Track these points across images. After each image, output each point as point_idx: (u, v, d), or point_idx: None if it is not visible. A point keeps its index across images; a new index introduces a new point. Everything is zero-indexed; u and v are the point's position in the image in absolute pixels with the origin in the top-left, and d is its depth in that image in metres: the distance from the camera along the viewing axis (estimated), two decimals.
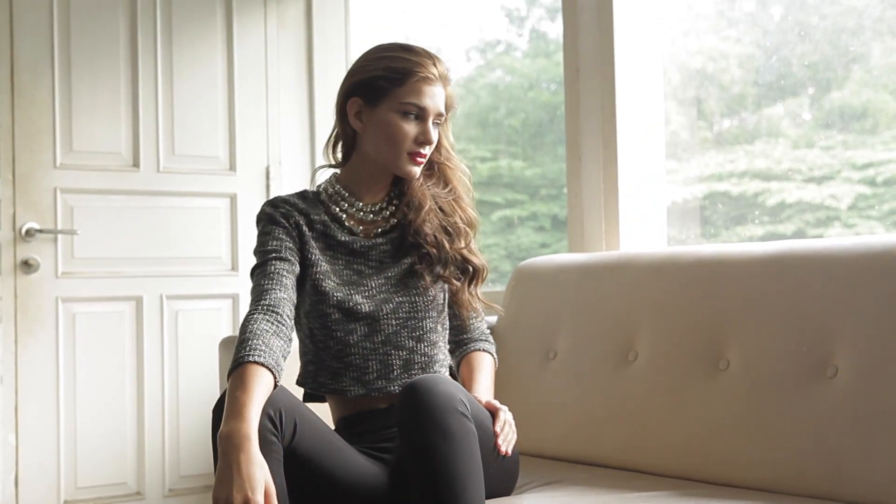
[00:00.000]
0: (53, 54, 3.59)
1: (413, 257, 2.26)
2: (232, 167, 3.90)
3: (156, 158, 3.78)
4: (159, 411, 3.74)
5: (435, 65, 2.20)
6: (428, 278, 2.24)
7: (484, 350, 2.40)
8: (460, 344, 2.40)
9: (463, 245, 2.29)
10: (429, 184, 2.31)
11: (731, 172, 3.17)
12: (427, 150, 2.22)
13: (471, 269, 2.30)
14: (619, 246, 2.92)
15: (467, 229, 2.31)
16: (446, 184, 2.33)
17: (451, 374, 2.37)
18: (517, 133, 4.63)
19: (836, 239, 2.23)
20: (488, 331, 2.47)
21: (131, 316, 3.73)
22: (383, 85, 2.18)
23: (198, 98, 3.86)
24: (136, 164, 3.74)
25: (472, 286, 2.31)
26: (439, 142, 2.30)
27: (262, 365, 1.92)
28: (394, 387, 2.20)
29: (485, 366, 2.37)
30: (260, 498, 1.77)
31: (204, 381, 3.71)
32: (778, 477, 2.08)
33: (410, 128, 2.18)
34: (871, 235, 2.18)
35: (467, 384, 2.32)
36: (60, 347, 3.59)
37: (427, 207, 2.27)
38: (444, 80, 2.23)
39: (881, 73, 2.87)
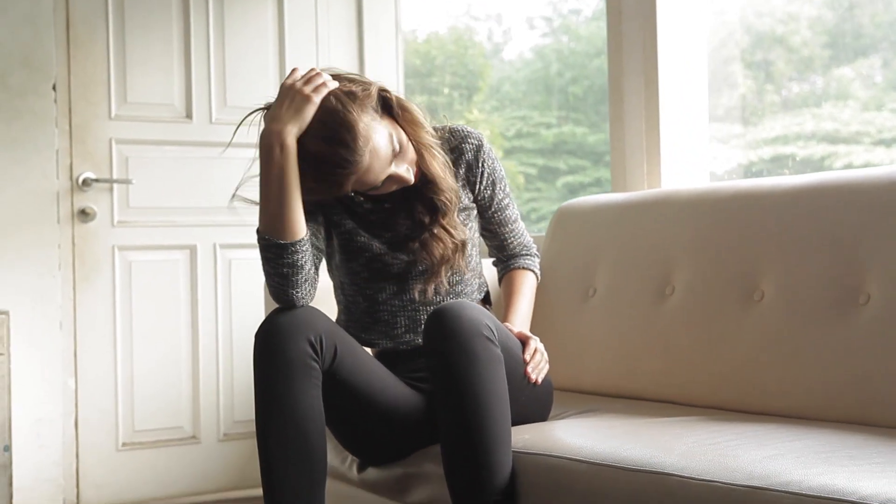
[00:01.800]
0: (107, 6, 3.66)
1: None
2: None
3: (208, 110, 3.84)
4: (213, 358, 3.82)
5: (355, 159, 1.98)
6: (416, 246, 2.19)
7: (525, 267, 2.42)
8: (501, 260, 2.43)
9: (434, 220, 2.18)
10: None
11: (798, 135, 3.14)
12: (410, 177, 2.11)
13: (429, 258, 2.20)
14: (660, 185, 2.92)
15: (439, 205, 2.17)
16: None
17: (487, 298, 2.39)
18: (581, 100, 4.62)
19: (868, 169, 2.22)
20: (531, 241, 2.48)
21: (185, 264, 3.80)
22: (330, 188, 2.04)
23: (249, 50, 3.91)
24: (188, 116, 3.81)
25: (444, 265, 2.20)
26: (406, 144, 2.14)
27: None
28: (421, 339, 2.22)
29: (524, 287, 2.38)
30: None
31: (256, 328, 3.77)
32: (810, 404, 2.08)
33: (388, 186, 2.10)
34: None
35: (505, 308, 2.34)
36: (117, 295, 3.67)
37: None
38: (362, 152, 1.98)
39: None
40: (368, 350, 2.26)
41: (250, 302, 3.82)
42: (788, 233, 2.23)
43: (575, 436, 1.93)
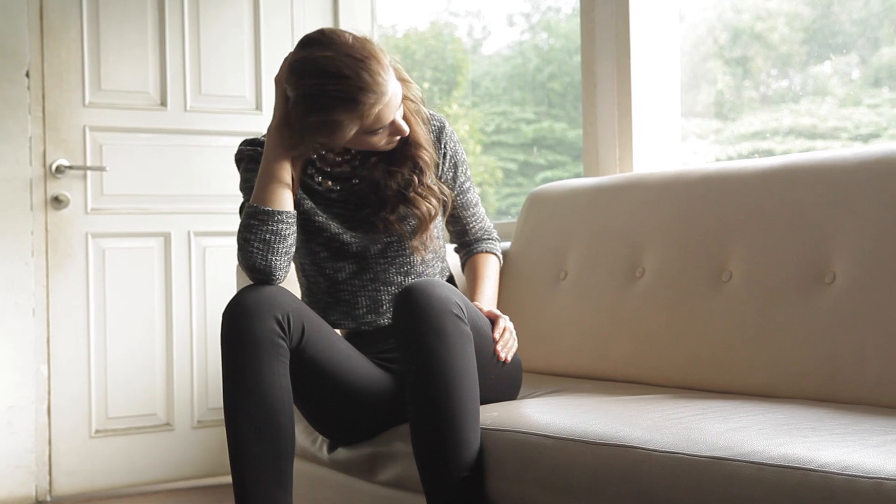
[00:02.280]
0: None
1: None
2: (258, 106, 3.95)
3: (183, 97, 3.83)
4: (188, 345, 3.82)
5: (377, 74, 2.01)
6: (379, 224, 2.20)
7: (487, 251, 2.43)
8: (463, 245, 2.44)
9: (406, 189, 2.20)
10: None
11: (776, 130, 3.16)
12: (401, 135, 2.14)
13: (415, 219, 2.21)
14: (632, 170, 2.93)
15: (413, 173, 2.20)
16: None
17: (451, 281, 2.40)
18: (560, 96, 4.63)
19: (833, 151, 2.24)
20: (491, 226, 2.50)
21: (160, 252, 3.80)
22: (346, 123, 2.03)
23: (224, 38, 3.91)
24: (163, 103, 3.80)
25: (414, 236, 2.22)
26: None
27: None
28: (383, 320, 2.24)
29: (488, 269, 2.40)
30: None
31: None
32: (777, 382, 2.10)
33: (381, 137, 2.11)
34: (867, 145, 2.18)
35: (470, 291, 2.35)
36: (90, 282, 3.67)
37: (374, 157, 2.21)
38: (387, 82, 2.03)
39: None
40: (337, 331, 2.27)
41: (224, 289, 3.82)
42: (756, 214, 2.25)
43: (542, 413, 1.95)
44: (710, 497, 1.50)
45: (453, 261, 2.55)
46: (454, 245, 2.51)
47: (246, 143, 2.27)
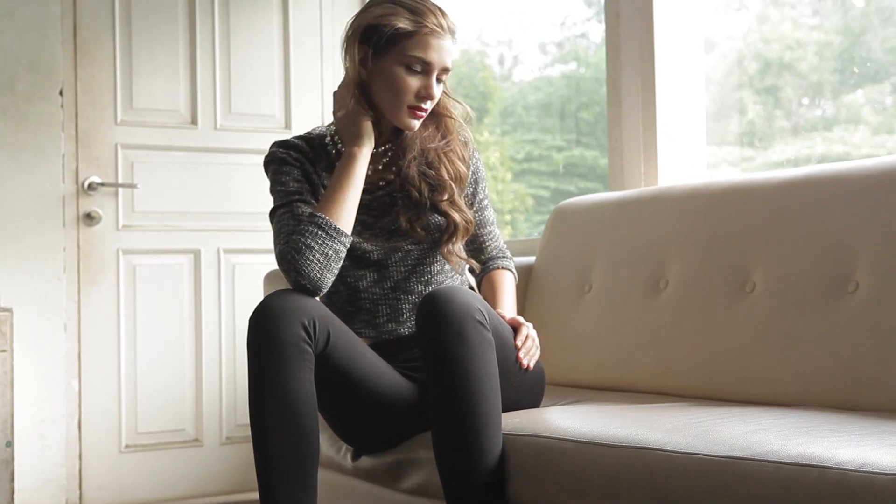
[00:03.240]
0: (114, 13, 3.71)
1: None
2: (287, 125, 3.99)
3: (213, 116, 3.88)
4: (216, 361, 3.85)
5: (444, 18, 2.18)
6: (404, 224, 2.24)
7: (503, 267, 2.45)
8: (479, 263, 2.45)
9: (443, 198, 2.26)
10: (425, 133, 2.29)
11: (809, 158, 3.16)
12: (428, 105, 2.19)
13: (449, 224, 2.26)
14: (657, 184, 2.94)
15: (451, 183, 2.27)
16: (444, 136, 2.31)
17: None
18: (591, 125, 4.66)
19: (855, 161, 2.24)
20: (505, 246, 2.51)
21: (189, 268, 3.84)
22: (392, 35, 2.14)
23: (254, 57, 3.96)
24: (194, 122, 3.85)
25: (448, 242, 2.27)
26: (442, 94, 2.28)
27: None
28: (404, 329, 2.25)
29: (506, 283, 2.41)
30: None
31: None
32: (801, 391, 2.10)
33: (414, 81, 2.16)
34: (889, 156, 2.18)
35: (491, 303, 2.36)
36: (121, 297, 3.71)
37: (411, 155, 2.26)
38: (451, 33, 2.19)
39: None
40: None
41: (253, 306, 3.83)
42: (779, 225, 2.25)
43: (563, 419, 1.95)
44: (729, 496, 1.50)
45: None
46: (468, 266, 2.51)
47: (276, 144, 2.30)
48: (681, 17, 3.02)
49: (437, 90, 2.20)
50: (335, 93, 2.21)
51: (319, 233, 2.05)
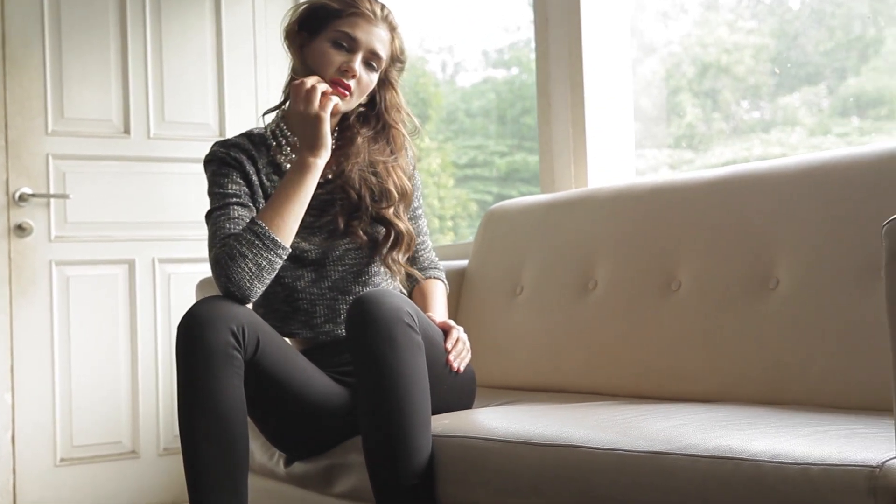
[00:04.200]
0: (43, 21, 3.68)
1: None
2: (222, 133, 3.97)
3: (146, 125, 3.86)
4: (153, 372, 3.82)
5: (378, 6, 2.23)
6: (341, 224, 2.25)
7: (434, 277, 2.46)
8: (410, 275, 2.45)
9: (385, 206, 2.28)
10: (374, 146, 2.31)
11: (747, 159, 3.21)
12: (351, 83, 2.20)
13: (392, 233, 2.29)
14: (587, 185, 2.97)
15: (397, 195, 2.29)
16: (392, 152, 2.33)
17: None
18: (533, 130, 4.70)
19: (775, 160, 2.28)
20: (436, 257, 2.52)
21: (124, 279, 3.81)
22: (323, 15, 2.21)
23: (187, 66, 3.94)
24: (126, 131, 3.83)
25: (392, 251, 2.29)
26: (392, 104, 2.31)
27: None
28: (341, 330, 2.26)
29: (437, 291, 2.43)
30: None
31: None
32: (725, 386, 2.13)
33: (338, 56, 2.19)
34: (806, 154, 2.23)
35: (421, 309, 2.37)
36: (55, 309, 3.67)
37: (356, 160, 2.28)
38: (386, 23, 2.24)
39: None
40: (289, 342, 2.29)
41: None
42: (703, 224, 2.29)
43: (491, 419, 1.97)
44: (648, 491, 1.52)
45: None
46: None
47: (217, 144, 2.30)
48: (609, 19, 3.05)
49: (364, 73, 2.22)
50: (295, 84, 2.17)
51: (256, 242, 2.05)
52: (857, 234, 1.98)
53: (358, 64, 2.20)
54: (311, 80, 2.14)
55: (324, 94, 2.12)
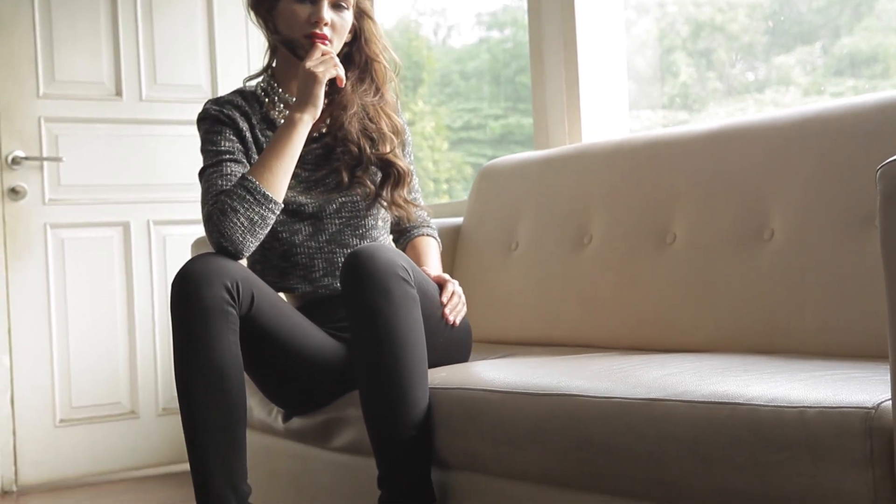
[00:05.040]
0: None
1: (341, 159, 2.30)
2: (213, 95, 3.96)
3: (138, 87, 3.85)
4: (150, 333, 3.83)
5: None
6: (345, 178, 2.27)
7: (427, 234, 2.47)
8: (403, 232, 2.47)
9: (387, 150, 2.30)
10: (360, 89, 2.32)
11: None
12: (327, 32, 2.21)
13: (394, 172, 2.31)
14: (581, 141, 2.98)
15: (392, 136, 2.32)
16: (377, 90, 2.34)
17: None
18: (527, 91, 4.69)
19: (768, 112, 2.29)
20: (429, 217, 2.53)
21: (119, 241, 3.81)
22: None
23: (178, 26, 3.92)
24: (118, 93, 3.82)
25: (396, 189, 2.32)
26: (371, 35, 2.32)
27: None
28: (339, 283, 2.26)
29: (431, 248, 2.43)
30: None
31: None
32: (720, 336, 2.15)
33: (303, 10, 2.20)
34: (800, 106, 2.23)
35: (416, 263, 2.38)
36: (50, 272, 3.68)
37: (353, 111, 2.29)
38: None
39: (891, 18, 2.88)
40: (283, 297, 2.30)
41: None
42: (697, 177, 2.30)
43: (489, 372, 1.98)
44: (646, 437, 1.53)
45: None
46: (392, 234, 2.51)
47: (210, 101, 2.30)
48: None
49: (335, 16, 2.22)
50: (316, 41, 2.19)
51: (247, 197, 2.05)
52: (851, 185, 1.98)
53: (325, 10, 2.20)
54: (327, 48, 2.17)
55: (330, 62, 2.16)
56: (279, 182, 2.10)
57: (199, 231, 3.83)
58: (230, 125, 2.24)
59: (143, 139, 3.85)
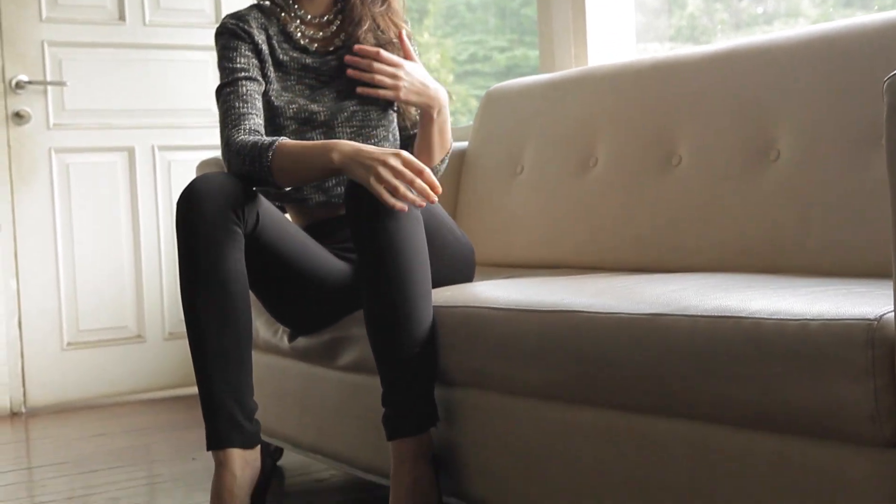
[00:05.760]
0: None
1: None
2: (218, 19, 3.92)
3: (141, 12, 3.83)
4: (156, 258, 3.85)
5: None
6: (359, 91, 2.26)
7: None
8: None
9: (399, 54, 2.29)
10: (368, 0, 2.31)
11: None
12: None
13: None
14: (587, 65, 2.96)
15: (399, 42, 2.31)
16: (383, 0, 2.33)
17: None
18: (533, 23, 4.65)
19: (773, 33, 2.27)
20: None
21: (124, 166, 3.81)
22: None
23: None
24: (121, 18, 3.80)
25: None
26: None
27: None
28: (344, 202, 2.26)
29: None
30: (404, 152, 1.92)
31: None
32: (725, 257, 2.15)
33: None
34: (807, 26, 2.21)
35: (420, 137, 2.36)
36: (56, 197, 3.69)
37: (365, 26, 2.28)
38: None
39: None
40: (289, 217, 2.30)
41: None
42: (703, 98, 2.29)
43: (492, 290, 1.99)
44: (649, 352, 1.54)
45: None
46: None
47: (229, 16, 2.29)
48: None
49: None
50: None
51: (257, 173, 2.03)
52: (857, 104, 1.97)
53: None
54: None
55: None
56: (289, 181, 2.08)
57: (204, 155, 3.83)
58: (247, 40, 2.24)
59: (146, 64, 3.83)
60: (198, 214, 1.94)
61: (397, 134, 2.37)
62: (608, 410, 1.64)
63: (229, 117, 2.15)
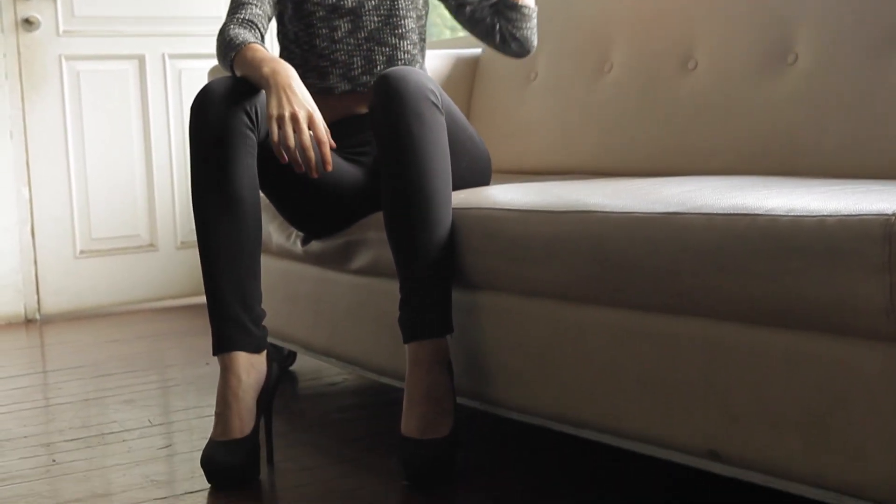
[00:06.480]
0: None
1: None
2: None
3: None
4: (167, 167, 3.85)
5: None
6: None
7: None
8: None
9: None
10: None
11: None
12: None
13: None
14: None
15: None
16: None
17: None
18: None
19: None
20: None
21: (134, 74, 3.79)
22: None
23: None
24: None
25: None
26: None
27: (259, 44, 2.04)
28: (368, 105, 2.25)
29: None
30: (319, 116, 1.92)
31: None
32: (741, 160, 2.15)
33: None
34: None
35: None
36: (67, 104, 3.67)
37: None
38: None
39: None
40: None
41: None
42: (720, 1, 2.26)
43: (507, 193, 1.98)
44: (663, 250, 1.54)
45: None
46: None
47: None
48: None
49: None
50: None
51: (226, 62, 2.06)
52: (876, 6, 1.95)
53: None
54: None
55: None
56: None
57: (214, 63, 3.82)
58: None
59: None
60: (211, 118, 1.94)
61: (425, 30, 2.36)
62: (623, 310, 1.65)
63: (232, 3, 2.18)
